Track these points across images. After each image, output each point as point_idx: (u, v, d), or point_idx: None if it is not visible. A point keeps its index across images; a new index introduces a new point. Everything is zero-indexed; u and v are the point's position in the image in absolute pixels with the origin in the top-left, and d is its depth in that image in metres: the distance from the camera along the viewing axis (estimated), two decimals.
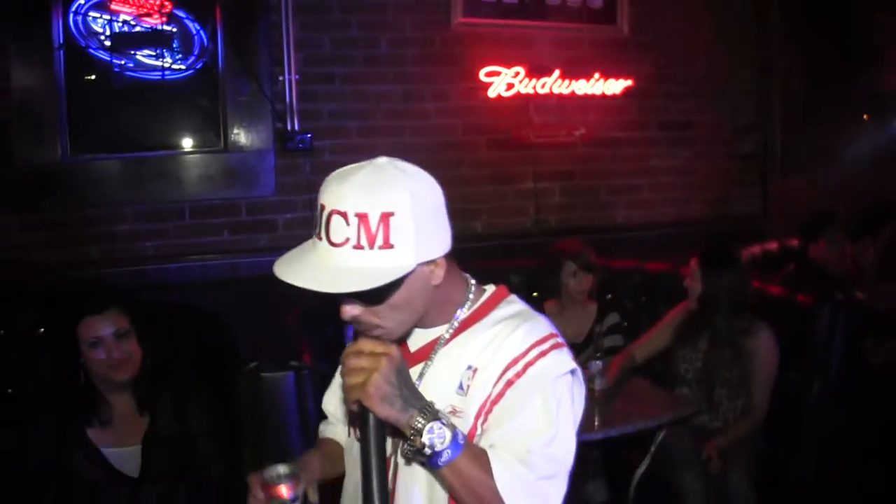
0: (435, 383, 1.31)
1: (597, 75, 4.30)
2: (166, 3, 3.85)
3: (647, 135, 4.49)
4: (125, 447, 2.24)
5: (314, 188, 3.71)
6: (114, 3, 3.81)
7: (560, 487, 1.25)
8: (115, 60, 3.81)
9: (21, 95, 3.73)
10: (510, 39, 4.20)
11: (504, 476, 1.18)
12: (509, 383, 1.25)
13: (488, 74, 4.15)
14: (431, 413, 1.16)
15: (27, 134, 3.75)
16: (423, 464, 1.20)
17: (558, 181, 4.38)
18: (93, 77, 3.83)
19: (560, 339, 1.31)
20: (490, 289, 1.41)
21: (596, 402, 2.76)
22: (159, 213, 3.84)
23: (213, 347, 3.10)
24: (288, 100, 3.93)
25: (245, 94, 3.90)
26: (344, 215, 1.17)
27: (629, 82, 4.36)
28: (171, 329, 2.86)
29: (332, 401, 1.59)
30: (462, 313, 1.34)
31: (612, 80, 4.34)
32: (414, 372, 1.30)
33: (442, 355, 1.33)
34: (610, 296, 3.73)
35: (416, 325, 1.34)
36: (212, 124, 3.93)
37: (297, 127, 3.93)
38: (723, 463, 2.92)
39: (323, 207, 1.20)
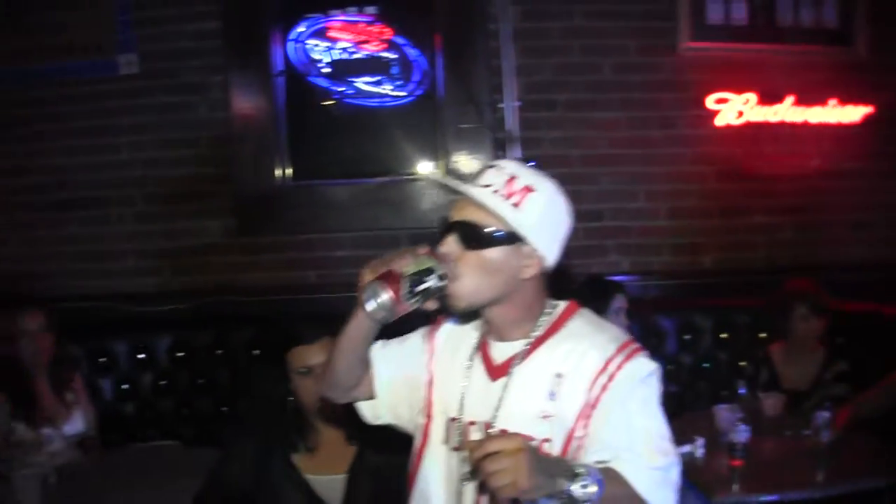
0: (521, 392, 1.40)
1: (833, 102, 3.92)
2: (385, 30, 3.80)
3: (890, 166, 4.03)
4: (330, 475, 2.17)
5: None
6: (333, 30, 3.79)
7: (678, 469, 1.36)
8: (334, 87, 3.78)
9: (242, 122, 3.76)
10: (739, 64, 3.91)
11: (639, 480, 1.28)
12: (604, 388, 1.34)
13: (717, 102, 3.86)
14: (573, 471, 1.20)
15: (248, 159, 3.76)
16: None
17: (790, 215, 3.98)
18: (312, 104, 3.78)
19: (638, 345, 1.40)
20: (562, 303, 1.49)
21: (821, 457, 2.53)
22: (377, 240, 3.71)
23: None
24: (508, 127, 3.75)
25: (464, 121, 3.75)
26: (498, 169, 1.39)
27: (869, 109, 3.95)
28: None
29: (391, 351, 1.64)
30: (539, 328, 1.43)
31: (850, 107, 3.95)
32: (499, 384, 1.42)
33: (523, 367, 1.41)
34: (841, 341, 3.33)
35: (497, 336, 1.46)
36: (431, 151, 3.81)
37: (518, 155, 3.73)
38: None
39: (483, 168, 1.43)
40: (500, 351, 1.46)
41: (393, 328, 1.50)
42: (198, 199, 3.79)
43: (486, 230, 1.36)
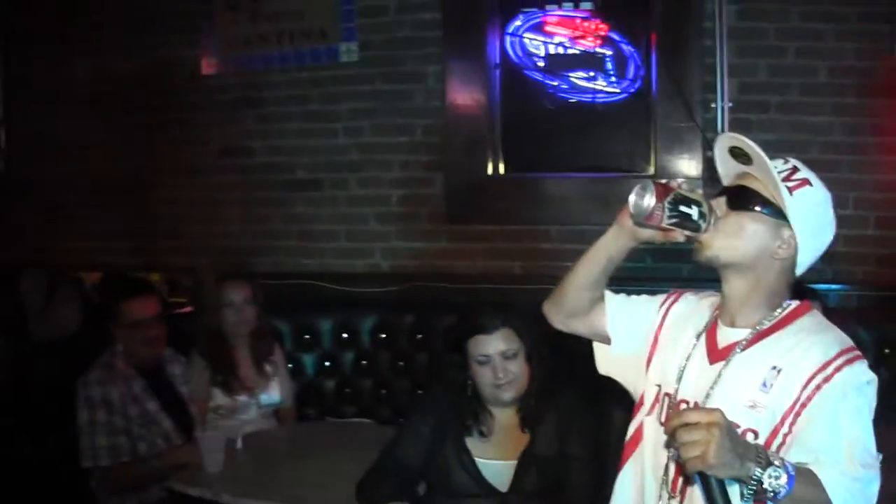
0: (736, 380, 1.42)
1: None
2: (601, 26, 3.84)
3: None
4: (500, 460, 2.25)
5: None
6: (549, 25, 3.86)
7: (878, 485, 1.33)
8: (548, 81, 3.85)
9: (457, 112, 3.86)
10: None
11: (834, 488, 1.26)
12: (818, 388, 1.34)
13: None
14: (765, 459, 1.22)
15: (460, 149, 3.86)
16: (761, 499, 1.26)
17: None
18: (527, 97, 3.87)
19: (860, 352, 1.39)
20: (796, 302, 1.50)
21: None
22: (583, 235, 3.75)
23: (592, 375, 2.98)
24: (720, 128, 3.76)
25: (676, 120, 3.78)
26: (784, 160, 1.49)
27: None
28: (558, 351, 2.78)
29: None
30: (769, 320, 1.46)
31: None
32: (716, 368, 1.45)
33: (743, 356, 1.44)
34: None
35: (727, 319, 1.49)
36: (641, 149, 3.85)
37: None
38: None
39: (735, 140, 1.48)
40: (726, 335, 1.49)
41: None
42: (410, 185, 3.94)
43: (755, 197, 1.43)
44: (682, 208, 1.40)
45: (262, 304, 3.40)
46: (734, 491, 1.28)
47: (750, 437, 1.36)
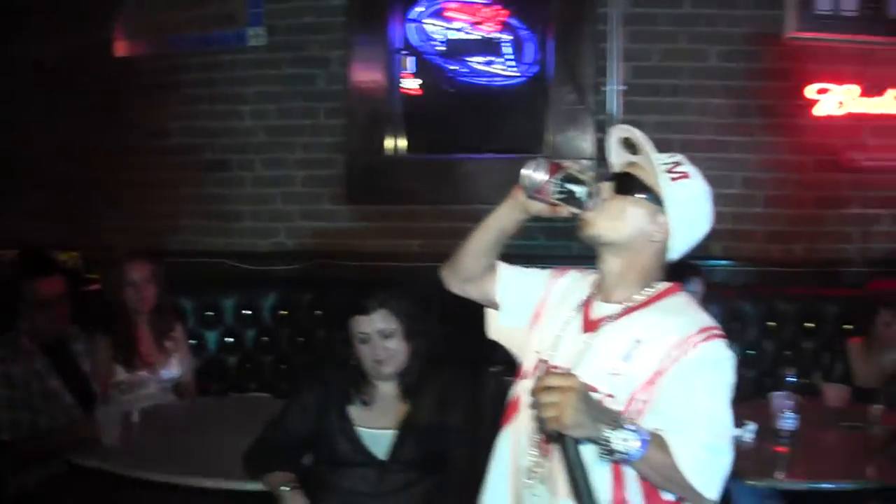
0: (602, 349, 1.50)
1: None
2: (501, 12, 3.95)
3: None
4: (380, 429, 2.30)
5: None
6: (450, 11, 3.97)
7: (729, 457, 1.40)
8: (448, 66, 3.95)
9: (359, 95, 3.96)
10: (845, 55, 3.94)
11: (681, 454, 1.34)
12: (675, 360, 1.41)
13: (818, 92, 3.90)
14: (617, 423, 1.30)
15: (362, 131, 3.97)
16: (615, 460, 1.35)
17: (890, 208, 4.00)
18: (427, 81, 3.98)
19: (721, 331, 1.46)
20: (667, 283, 1.58)
21: (872, 449, 2.55)
22: (478, 214, 3.85)
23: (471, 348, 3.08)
24: (612, 110, 3.88)
25: (570, 102, 3.90)
26: (670, 153, 1.55)
27: None
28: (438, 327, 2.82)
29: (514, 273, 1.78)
30: (639, 297, 1.54)
31: None
32: (587, 337, 1.53)
33: (612, 327, 1.52)
34: None
35: (602, 296, 1.58)
36: (537, 131, 3.97)
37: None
38: None
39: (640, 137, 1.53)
40: (600, 309, 1.57)
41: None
42: (313, 166, 4.05)
43: (638, 184, 1.52)
44: (570, 186, 1.49)
45: (163, 283, 3.47)
46: (593, 452, 1.35)
47: (609, 401, 1.41)
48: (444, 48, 3.98)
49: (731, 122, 3.94)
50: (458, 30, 3.98)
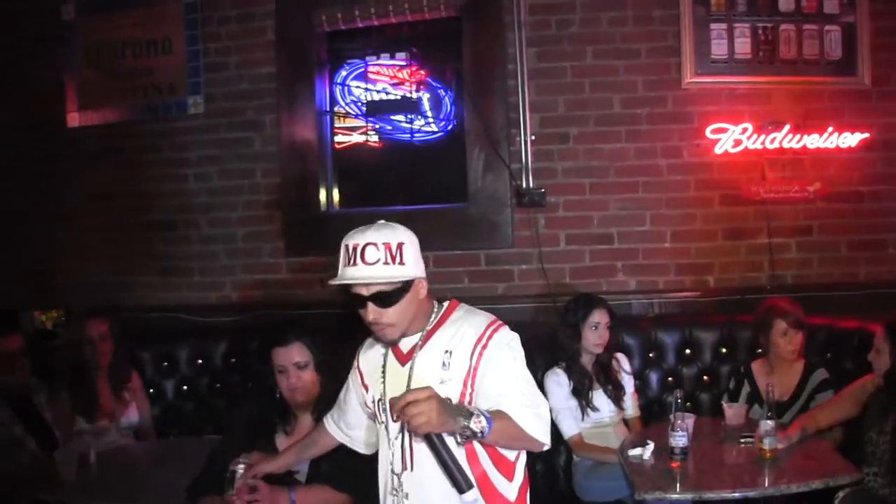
0: (424, 368, 1.91)
1: (830, 129, 4.17)
2: (420, 71, 4.27)
3: (893, 188, 4.25)
4: None
5: (548, 241, 3.91)
6: (372, 73, 4.29)
7: (547, 407, 1.91)
8: (373, 123, 4.26)
9: (292, 154, 4.28)
10: (742, 96, 4.21)
11: (519, 415, 1.79)
12: (481, 353, 1.87)
13: (714, 132, 4.16)
14: (468, 412, 1.71)
15: (297, 188, 4.28)
16: (471, 441, 1.76)
17: (795, 237, 4.25)
18: (353, 139, 4.29)
19: (502, 322, 1.95)
20: (446, 303, 2.01)
21: (765, 461, 2.76)
22: None
23: None
24: (524, 159, 4.16)
25: (486, 153, 4.19)
26: (375, 245, 1.86)
27: (866, 135, 4.17)
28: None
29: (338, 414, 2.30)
30: (431, 322, 1.95)
31: (846, 134, 4.18)
32: (407, 367, 1.94)
33: (422, 352, 1.93)
34: (829, 355, 3.60)
35: (405, 333, 1.93)
36: (457, 182, 4.26)
37: (531, 184, 4.14)
38: None
39: (356, 246, 1.88)
40: (406, 344, 1.96)
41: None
42: (253, 223, 4.36)
43: (392, 291, 1.86)
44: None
45: (119, 337, 3.78)
46: (451, 442, 1.75)
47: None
48: (368, 108, 4.28)
49: (636, 164, 4.21)
50: (381, 90, 4.28)
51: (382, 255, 1.85)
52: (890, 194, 4.26)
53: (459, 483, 1.70)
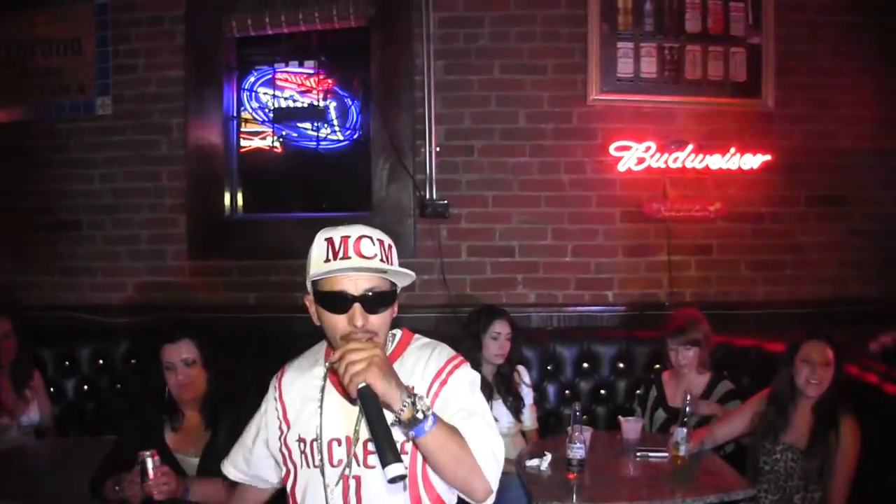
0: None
1: (732, 150, 4.23)
2: (327, 80, 4.28)
3: (793, 210, 4.32)
4: (189, 455, 2.60)
5: (450, 253, 3.94)
6: (280, 80, 4.30)
7: (503, 453, 1.61)
8: (279, 130, 4.27)
9: (199, 158, 4.27)
10: (646, 114, 4.26)
11: (472, 439, 1.52)
12: (438, 390, 1.63)
13: (618, 149, 4.21)
14: (416, 395, 1.46)
15: (202, 191, 4.28)
16: (407, 436, 1.49)
17: (694, 255, 4.31)
18: (259, 145, 4.29)
19: (463, 358, 1.72)
20: (399, 332, 1.76)
21: (675, 470, 2.85)
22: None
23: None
24: (428, 170, 4.19)
25: (390, 163, 4.21)
26: (370, 238, 1.62)
27: (767, 157, 4.24)
28: (241, 360, 3.34)
29: (242, 462, 1.95)
30: (387, 351, 1.67)
31: (748, 155, 4.24)
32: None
33: None
34: (726, 372, 3.64)
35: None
36: (361, 190, 4.28)
37: (434, 195, 4.17)
38: None
39: (345, 237, 1.62)
40: None
41: None
42: (157, 225, 4.35)
43: (387, 292, 1.60)
44: None
45: (22, 336, 3.76)
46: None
47: (408, 446, 1.58)
48: (275, 114, 4.29)
49: (540, 178, 4.25)
50: (288, 97, 4.29)
51: (378, 250, 1.60)
52: (789, 216, 4.33)
53: (385, 453, 1.41)
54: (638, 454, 3.02)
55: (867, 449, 2.84)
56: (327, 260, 1.61)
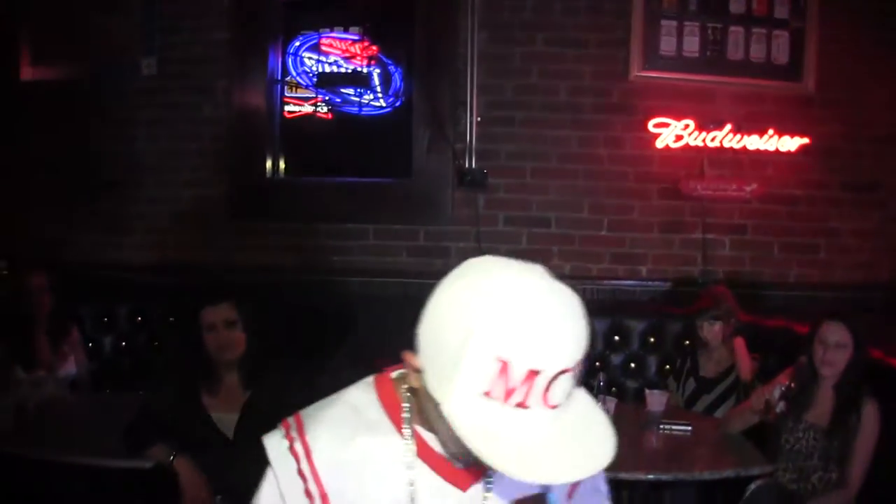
0: (510, 484, 1.10)
1: (770, 132, 4.25)
2: (372, 47, 4.32)
3: (828, 194, 4.34)
4: (227, 414, 2.66)
5: (487, 222, 3.99)
6: (325, 46, 4.34)
7: None
8: (322, 95, 4.31)
9: (242, 121, 4.31)
10: (687, 93, 4.28)
11: None
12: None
13: (657, 126, 4.24)
14: None
15: (244, 154, 4.33)
16: None
17: (729, 234, 4.34)
18: (303, 108, 4.34)
19: None
20: None
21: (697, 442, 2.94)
22: (347, 233, 4.25)
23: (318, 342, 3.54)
24: (468, 140, 4.23)
25: (431, 132, 4.25)
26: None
27: (805, 140, 4.26)
28: (280, 322, 3.42)
29: None
30: None
31: (786, 138, 4.26)
32: (476, 490, 1.13)
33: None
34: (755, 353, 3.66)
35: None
36: (401, 157, 4.32)
37: (474, 164, 4.21)
38: None
39: (538, 372, 0.92)
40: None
41: None
42: (199, 186, 4.40)
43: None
44: None
45: (57, 291, 3.83)
46: None
47: None
48: (319, 79, 4.33)
49: (579, 152, 4.28)
50: (332, 63, 4.33)
51: (570, 384, 0.97)
52: (824, 200, 4.35)
53: None
54: (661, 427, 3.06)
55: (888, 433, 2.84)
56: (520, 404, 0.93)
